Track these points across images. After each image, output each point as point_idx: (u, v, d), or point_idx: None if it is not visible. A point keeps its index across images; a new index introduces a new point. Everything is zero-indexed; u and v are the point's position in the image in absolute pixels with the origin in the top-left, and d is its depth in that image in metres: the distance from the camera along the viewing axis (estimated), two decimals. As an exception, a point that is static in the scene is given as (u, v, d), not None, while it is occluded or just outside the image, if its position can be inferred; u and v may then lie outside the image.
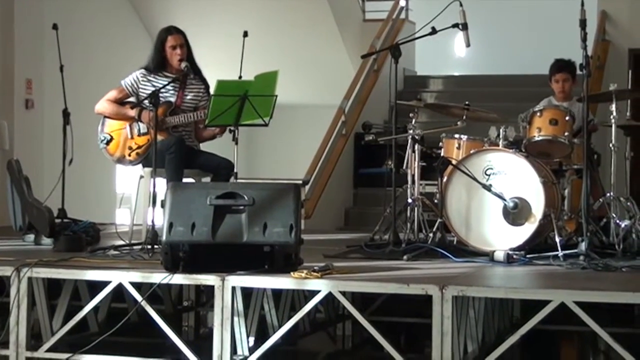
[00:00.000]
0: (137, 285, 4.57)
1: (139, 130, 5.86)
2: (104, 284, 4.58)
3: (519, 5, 12.70)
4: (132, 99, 5.93)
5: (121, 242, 5.49)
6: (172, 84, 5.81)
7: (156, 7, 10.76)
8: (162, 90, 5.68)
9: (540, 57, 7.55)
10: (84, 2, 9.82)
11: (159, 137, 5.53)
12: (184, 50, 5.84)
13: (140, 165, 5.91)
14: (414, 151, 5.85)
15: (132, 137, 5.88)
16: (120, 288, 4.63)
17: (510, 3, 12.71)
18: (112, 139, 5.92)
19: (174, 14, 10.47)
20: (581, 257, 4.87)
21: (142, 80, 5.88)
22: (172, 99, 5.86)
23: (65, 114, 6.36)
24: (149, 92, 5.63)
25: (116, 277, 4.53)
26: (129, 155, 5.88)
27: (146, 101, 5.57)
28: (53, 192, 6.17)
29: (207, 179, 5.88)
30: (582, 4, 5.08)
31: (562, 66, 6.43)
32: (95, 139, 5.95)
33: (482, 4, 11.52)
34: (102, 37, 10.08)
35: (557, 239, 5.16)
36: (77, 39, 9.20)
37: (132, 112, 5.84)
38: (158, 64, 5.87)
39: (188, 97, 5.91)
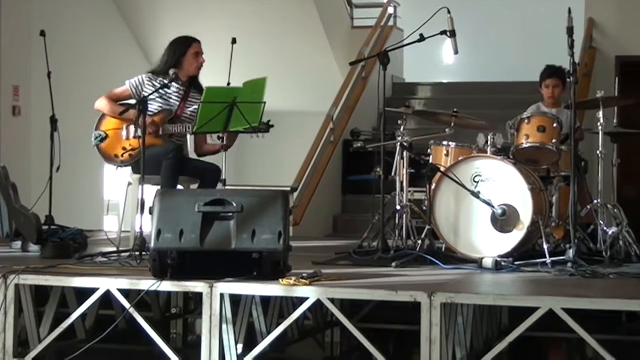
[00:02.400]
0: (125, 293, 4.56)
1: (136, 132, 5.82)
2: (92, 291, 4.57)
3: (507, 13, 12.76)
4: (132, 101, 5.90)
5: (109, 249, 5.48)
6: (176, 94, 5.81)
7: (145, 15, 10.76)
8: (166, 97, 5.68)
9: (528, 65, 7.58)
10: (72, 9, 9.81)
11: (155, 143, 5.54)
12: (203, 61, 5.90)
13: (129, 171, 5.89)
14: (402, 158, 5.86)
15: (127, 139, 5.86)
16: (108, 295, 4.62)
17: (498, 11, 12.77)
18: (107, 137, 5.88)
19: (162, 22, 10.48)
20: (569, 264, 4.89)
21: (147, 84, 5.87)
22: (174, 107, 5.85)
23: (53, 121, 6.35)
24: (152, 96, 5.65)
25: (104, 284, 4.51)
26: (122, 155, 5.84)
27: (153, 106, 5.53)
28: (40, 198, 6.15)
29: (195, 186, 5.87)
30: (570, 12, 5.11)
31: (552, 72, 6.46)
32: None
33: (470, 12, 11.61)
34: (90, 44, 10.08)
35: (545, 246, 5.18)
36: (64, 46, 9.20)
37: (131, 115, 5.70)
38: (170, 67, 5.80)
39: (189, 110, 5.91)
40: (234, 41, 6.31)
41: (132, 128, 5.83)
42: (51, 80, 6.42)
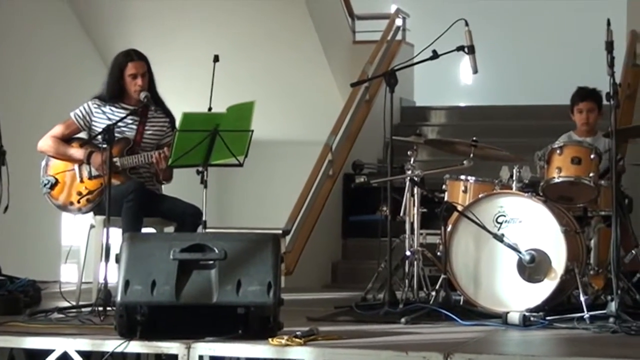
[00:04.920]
0: (86, 355, 4.54)
1: (90, 172, 5.84)
2: (46, 353, 4.55)
3: (535, 25, 12.83)
4: (83, 135, 5.93)
5: (67, 304, 5.47)
6: (130, 117, 5.82)
7: (111, 28, 10.80)
8: (119, 125, 5.68)
9: (560, 86, 7.63)
10: (23, 19, 9.80)
11: (114, 181, 5.53)
12: (146, 79, 5.86)
13: (90, 213, 5.90)
14: (412, 195, 5.87)
15: (81, 181, 5.87)
16: (65, 358, 4.60)
17: (524, 23, 12.85)
18: (57, 182, 5.89)
19: (132, 36, 10.52)
20: (611, 319, 4.89)
21: (96, 112, 5.89)
22: (131, 135, 5.87)
23: (0, 153, 6.35)
24: (104, 125, 5.63)
25: (60, 345, 4.50)
26: (78, 202, 5.86)
27: (100, 137, 5.57)
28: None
29: (170, 229, 5.87)
30: (609, 24, 5.14)
31: (586, 94, 6.49)
32: (36, 181, 5.94)
33: (491, 23, 11.69)
34: (45, 61, 10.09)
35: (582, 298, 5.18)
36: (13, 62, 9.22)
37: (81, 154, 5.82)
38: (114, 94, 5.89)
39: (149, 133, 5.92)
40: (216, 58, 6.33)
41: (85, 167, 5.84)
42: (-2, 103, 6.43)
